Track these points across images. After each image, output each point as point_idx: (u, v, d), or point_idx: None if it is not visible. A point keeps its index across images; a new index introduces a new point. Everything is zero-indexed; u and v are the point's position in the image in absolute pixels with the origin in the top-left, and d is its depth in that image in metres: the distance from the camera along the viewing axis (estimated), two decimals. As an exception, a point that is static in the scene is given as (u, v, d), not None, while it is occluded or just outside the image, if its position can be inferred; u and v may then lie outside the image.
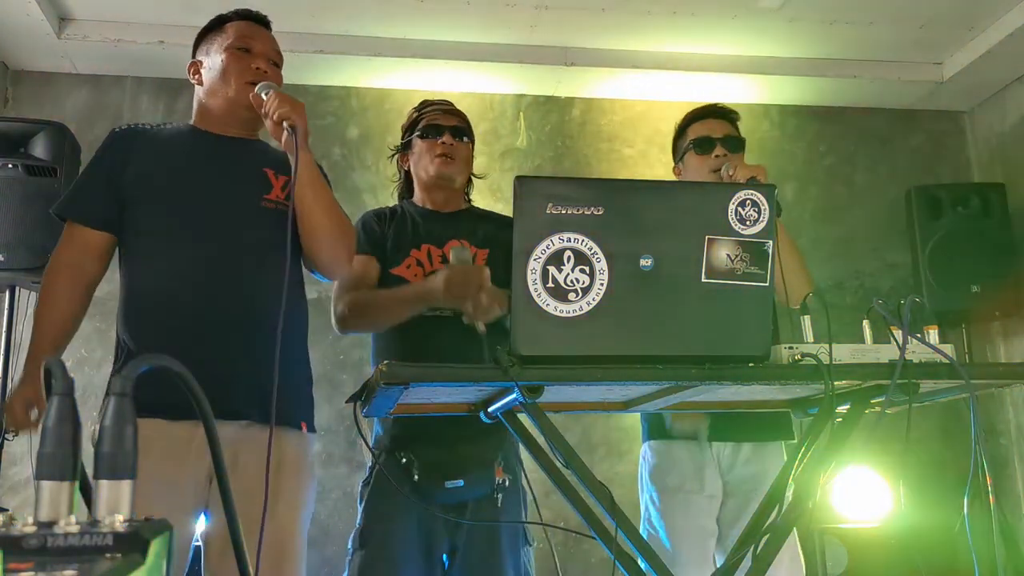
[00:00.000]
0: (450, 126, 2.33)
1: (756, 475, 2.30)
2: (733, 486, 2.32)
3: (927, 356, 1.59)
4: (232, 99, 2.01)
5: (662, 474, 2.35)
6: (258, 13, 2.14)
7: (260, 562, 1.66)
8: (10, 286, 3.11)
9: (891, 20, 3.75)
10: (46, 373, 0.76)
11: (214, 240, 1.91)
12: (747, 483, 2.31)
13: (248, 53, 2.04)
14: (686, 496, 2.30)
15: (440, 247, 2.26)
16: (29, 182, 3.00)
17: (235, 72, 2.01)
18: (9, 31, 3.58)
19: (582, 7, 3.62)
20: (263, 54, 2.06)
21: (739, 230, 1.51)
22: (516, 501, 2.20)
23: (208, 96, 2.06)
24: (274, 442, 1.82)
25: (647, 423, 2.45)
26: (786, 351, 1.57)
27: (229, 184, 1.97)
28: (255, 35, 2.08)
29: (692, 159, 2.46)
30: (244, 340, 1.84)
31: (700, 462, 2.32)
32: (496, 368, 1.43)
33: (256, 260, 1.89)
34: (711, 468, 2.32)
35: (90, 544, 0.65)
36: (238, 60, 2.02)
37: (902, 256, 4.11)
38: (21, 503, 3.41)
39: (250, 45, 2.05)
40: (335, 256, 2.01)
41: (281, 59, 2.13)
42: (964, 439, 3.82)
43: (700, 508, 2.30)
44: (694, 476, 2.31)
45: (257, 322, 1.84)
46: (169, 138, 2.05)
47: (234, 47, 2.04)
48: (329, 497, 3.57)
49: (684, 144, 2.50)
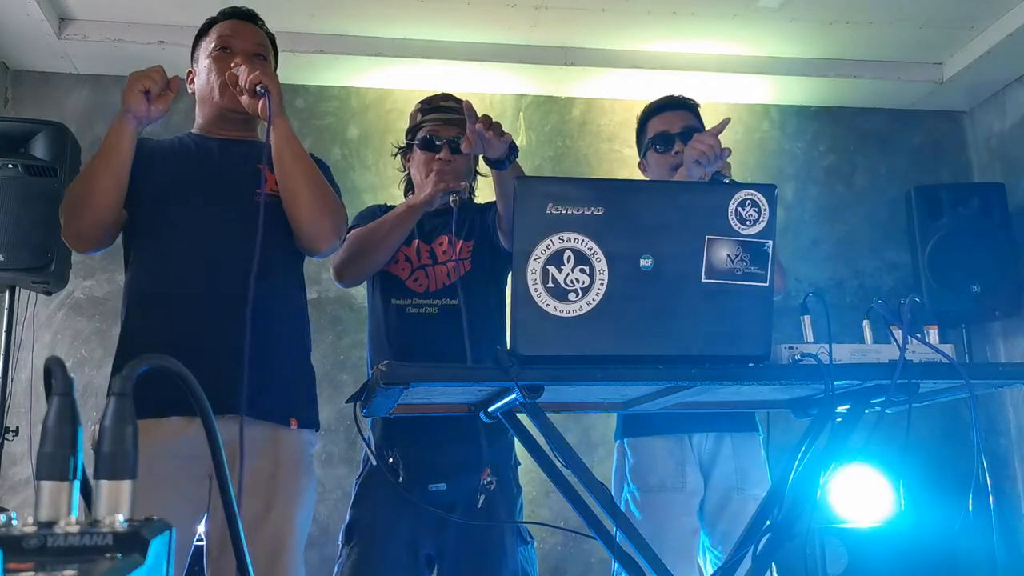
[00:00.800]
0: (450, 138, 2.27)
1: (738, 470, 2.29)
2: (715, 483, 2.29)
3: (927, 356, 1.59)
4: (218, 103, 2.02)
5: (642, 472, 2.31)
6: (242, 8, 2.13)
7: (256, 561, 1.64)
8: (10, 286, 3.11)
9: (891, 20, 3.75)
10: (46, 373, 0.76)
11: (208, 238, 1.92)
12: (728, 479, 2.28)
13: (228, 52, 2.04)
14: (668, 494, 2.27)
15: (429, 243, 2.27)
16: (29, 182, 3.00)
17: (216, 76, 2.02)
18: (9, 31, 3.58)
19: (582, 7, 3.62)
20: (243, 51, 2.04)
21: (739, 230, 1.51)
22: (506, 502, 2.17)
23: (200, 103, 2.09)
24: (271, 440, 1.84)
25: (621, 419, 2.40)
26: (786, 351, 1.57)
27: (224, 184, 1.97)
28: (236, 33, 2.07)
29: (652, 157, 2.40)
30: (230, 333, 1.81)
31: (680, 458, 2.30)
32: (496, 368, 1.43)
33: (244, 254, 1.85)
34: (692, 464, 2.30)
35: (90, 544, 0.65)
36: (219, 63, 2.03)
37: (902, 256, 4.11)
38: (21, 503, 3.42)
39: (230, 44, 2.05)
40: (318, 226, 1.95)
41: (266, 50, 2.10)
42: (964, 439, 3.84)
43: (682, 505, 2.27)
44: (675, 473, 2.29)
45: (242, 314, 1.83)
46: (168, 146, 2.06)
47: (215, 50, 2.05)
48: (329, 497, 3.57)
49: (644, 141, 2.44)
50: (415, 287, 2.24)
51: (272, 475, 1.84)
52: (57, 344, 3.67)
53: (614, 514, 1.59)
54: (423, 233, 2.29)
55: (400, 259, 2.25)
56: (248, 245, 1.81)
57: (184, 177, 1.98)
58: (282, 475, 1.85)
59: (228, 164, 2.00)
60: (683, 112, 2.41)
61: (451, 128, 2.28)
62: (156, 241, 1.95)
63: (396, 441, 2.14)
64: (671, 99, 2.45)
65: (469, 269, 2.26)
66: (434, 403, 1.79)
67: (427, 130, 2.30)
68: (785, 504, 1.75)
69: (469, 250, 2.27)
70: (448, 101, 2.36)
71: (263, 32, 2.13)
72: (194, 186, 1.97)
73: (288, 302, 1.99)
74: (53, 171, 3.01)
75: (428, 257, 2.26)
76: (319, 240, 1.97)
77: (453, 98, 2.37)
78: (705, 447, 2.32)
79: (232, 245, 1.90)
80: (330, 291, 3.76)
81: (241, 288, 1.81)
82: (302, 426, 1.92)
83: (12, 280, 3.05)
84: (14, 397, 3.24)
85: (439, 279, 2.24)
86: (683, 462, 2.29)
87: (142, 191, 1.95)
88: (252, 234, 1.80)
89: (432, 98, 2.37)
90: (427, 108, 2.35)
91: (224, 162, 2.01)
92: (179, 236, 1.93)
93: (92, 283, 3.75)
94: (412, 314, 2.19)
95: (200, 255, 1.91)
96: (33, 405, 3.36)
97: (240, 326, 1.74)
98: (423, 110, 2.35)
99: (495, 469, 2.15)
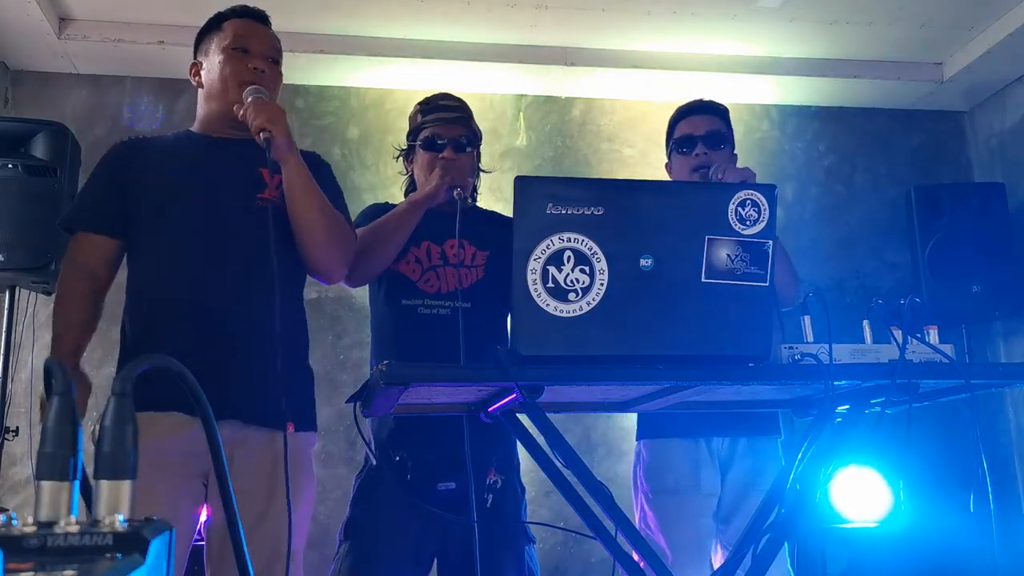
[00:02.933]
0: (452, 138, 2.27)
1: (753, 468, 2.30)
2: (731, 481, 2.32)
3: (927, 356, 1.59)
4: (231, 102, 2.00)
5: (657, 474, 2.33)
6: (256, 9, 2.13)
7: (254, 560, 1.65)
8: (10, 286, 3.10)
9: (891, 20, 3.75)
10: (46, 373, 0.76)
11: (209, 241, 1.92)
12: (744, 477, 2.30)
13: (246, 54, 2.03)
14: (682, 496, 2.29)
15: (439, 244, 2.25)
16: (29, 182, 3.00)
17: (233, 75, 2.01)
18: (9, 31, 3.58)
19: (582, 7, 3.62)
20: (260, 54, 2.04)
21: (739, 230, 1.51)
22: (512, 501, 2.19)
23: (207, 99, 2.07)
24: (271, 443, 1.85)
25: (641, 421, 2.44)
26: (786, 351, 1.57)
27: (225, 186, 1.97)
28: (253, 34, 2.07)
29: (676, 158, 2.46)
30: (236, 339, 1.85)
31: (696, 460, 2.31)
32: (496, 368, 1.43)
33: (248, 259, 1.88)
34: (707, 466, 2.31)
35: (90, 544, 0.65)
36: (236, 62, 2.02)
37: (902, 256, 4.11)
38: (21, 503, 3.42)
39: (247, 45, 2.04)
40: (331, 259, 2.01)
41: (280, 55, 2.12)
42: (964, 439, 3.83)
43: (696, 508, 2.29)
44: (690, 475, 2.30)
45: (248, 320, 1.84)
46: (169, 145, 2.06)
47: (231, 48, 2.03)
48: (329, 497, 3.56)
49: (671, 142, 2.50)
50: (426, 288, 2.22)
51: (271, 475, 1.84)
52: (57, 344, 3.67)
53: (614, 514, 1.59)
54: (433, 234, 2.26)
55: (410, 259, 2.24)
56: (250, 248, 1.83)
57: (185, 178, 1.98)
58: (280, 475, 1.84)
59: (229, 166, 2.00)
60: (709, 116, 2.46)
61: (452, 127, 2.29)
62: (158, 241, 1.95)
63: (405, 440, 2.13)
64: (699, 103, 2.51)
65: (481, 277, 2.25)
66: (434, 403, 1.79)
67: (429, 130, 2.29)
68: (785, 504, 1.75)
69: (483, 259, 2.26)
70: (447, 100, 2.36)
71: (275, 35, 2.13)
72: (195, 188, 1.97)
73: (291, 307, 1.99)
74: (53, 171, 3.01)
75: (439, 258, 2.24)
76: (332, 273, 2.06)
77: (452, 97, 2.37)
78: (722, 448, 2.33)
79: (234, 248, 1.91)
80: (330, 291, 3.75)
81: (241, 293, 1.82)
82: (300, 429, 1.93)
83: (12, 280, 3.05)
84: (14, 397, 3.24)
85: (450, 281, 2.22)
86: (698, 464, 2.31)
87: (143, 190, 1.96)
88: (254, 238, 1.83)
89: (431, 98, 2.37)
90: (427, 109, 2.34)
91: (226, 164, 2.01)
92: (181, 237, 1.93)
93: (92, 283, 3.74)
94: (424, 315, 2.18)
95: (203, 258, 1.91)
96: (33, 405, 3.36)
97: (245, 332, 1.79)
98: (423, 111, 2.34)
99: (501, 469, 2.15)
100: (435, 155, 2.27)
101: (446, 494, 2.10)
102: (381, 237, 2.19)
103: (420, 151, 2.31)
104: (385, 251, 2.20)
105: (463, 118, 2.33)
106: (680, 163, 2.43)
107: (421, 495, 2.08)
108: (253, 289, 1.86)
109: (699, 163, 2.36)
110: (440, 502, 2.08)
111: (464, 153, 2.28)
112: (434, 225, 2.27)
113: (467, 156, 2.29)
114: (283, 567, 1.81)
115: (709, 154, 2.36)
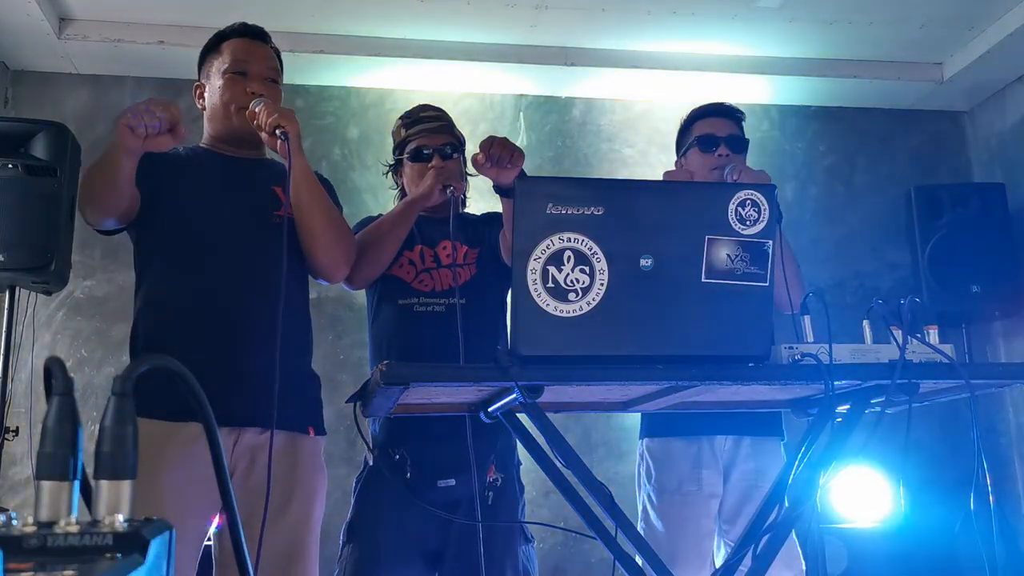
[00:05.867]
0: (437, 147, 2.32)
1: (757, 470, 2.30)
2: (734, 482, 2.32)
3: (927, 356, 1.59)
4: (233, 127, 2.04)
5: (659, 473, 2.35)
6: (255, 27, 2.13)
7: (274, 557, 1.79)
8: (10, 286, 3.10)
9: (891, 20, 3.75)
10: (46, 373, 0.76)
11: (226, 253, 1.97)
12: (747, 478, 2.31)
13: (244, 77, 2.05)
14: (684, 496, 2.30)
15: (432, 247, 2.31)
16: (29, 182, 2.99)
17: (232, 100, 2.03)
18: (9, 31, 3.58)
19: (582, 7, 3.62)
20: (259, 75, 2.06)
21: (739, 230, 1.51)
22: (512, 499, 2.21)
23: (210, 121, 2.11)
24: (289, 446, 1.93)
25: (644, 419, 2.45)
26: (786, 351, 1.57)
27: (242, 204, 2.02)
28: (251, 55, 2.08)
29: (695, 156, 2.47)
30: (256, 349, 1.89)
31: (698, 460, 2.32)
32: (496, 368, 1.43)
33: (264, 271, 1.92)
34: (710, 466, 2.32)
35: (90, 544, 0.65)
36: (234, 86, 2.04)
37: (902, 256, 4.11)
38: (21, 503, 3.42)
39: (246, 68, 2.06)
40: (333, 258, 2.06)
41: (279, 74, 2.14)
42: (964, 439, 3.83)
43: (698, 508, 2.30)
44: (692, 475, 2.31)
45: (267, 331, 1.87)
46: (183, 160, 2.07)
47: (230, 72, 2.05)
48: (330, 497, 3.52)
49: (688, 140, 2.50)
50: (420, 287, 2.27)
51: (289, 475, 1.91)
52: (57, 344, 3.68)
53: (614, 514, 1.59)
54: (425, 238, 2.33)
55: (404, 263, 2.29)
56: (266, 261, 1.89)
57: (203, 192, 2.02)
58: (299, 474, 1.94)
59: (247, 182, 2.05)
60: (730, 121, 2.48)
61: (437, 136, 2.35)
62: (175, 253, 1.98)
63: (404, 438, 2.16)
64: (721, 105, 2.53)
65: (475, 273, 2.31)
66: (434, 403, 1.79)
67: (415, 143, 2.35)
68: (785, 504, 1.75)
69: (474, 257, 2.32)
70: (428, 111, 2.42)
71: (274, 52, 2.15)
72: (214, 200, 2.01)
73: (299, 316, 2.06)
74: (53, 171, 3.01)
75: (432, 260, 2.30)
76: (334, 273, 2.11)
77: (432, 108, 2.44)
78: (724, 448, 2.34)
79: (252, 263, 1.96)
80: (330, 291, 3.75)
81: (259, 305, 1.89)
82: (316, 433, 2.02)
83: (12, 280, 3.05)
84: (14, 397, 3.24)
85: (444, 281, 2.27)
86: (700, 464, 2.32)
87: (160, 201, 1.98)
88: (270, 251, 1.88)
89: (411, 111, 2.43)
90: (410, 122, 2.40)
91: (243, 180, 2.05)
92: (198, 246, 1.97)
93: (92, 283, 3.75)
94: (420, 312, 2.23)
95: (219, 268, 1.96)
96: (33, 405, 3.36)
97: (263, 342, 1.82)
98: (406, 124, 2.40)
99: (501, 466, 2.17)
100: (424, 165, 2.32)
101: (446, 491, 2.12)
102: (379, 237, 2.25)
103: (408, 163, 2.36)
104: (384, 250, 2.25)
105: (446, 126, 2.39)
106: (701, 160, 2.44)
107: (421, 493, 2.10)
108: (269, 298, 1.88)
109: (721, 163, 2.38)
110: (440, 499, 2.10)
111: (451, 159, 2.33)
112: (426, 229, 2.34)
113: (455, 162, 2.35)
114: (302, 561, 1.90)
115: (730, 156, 2.39)
